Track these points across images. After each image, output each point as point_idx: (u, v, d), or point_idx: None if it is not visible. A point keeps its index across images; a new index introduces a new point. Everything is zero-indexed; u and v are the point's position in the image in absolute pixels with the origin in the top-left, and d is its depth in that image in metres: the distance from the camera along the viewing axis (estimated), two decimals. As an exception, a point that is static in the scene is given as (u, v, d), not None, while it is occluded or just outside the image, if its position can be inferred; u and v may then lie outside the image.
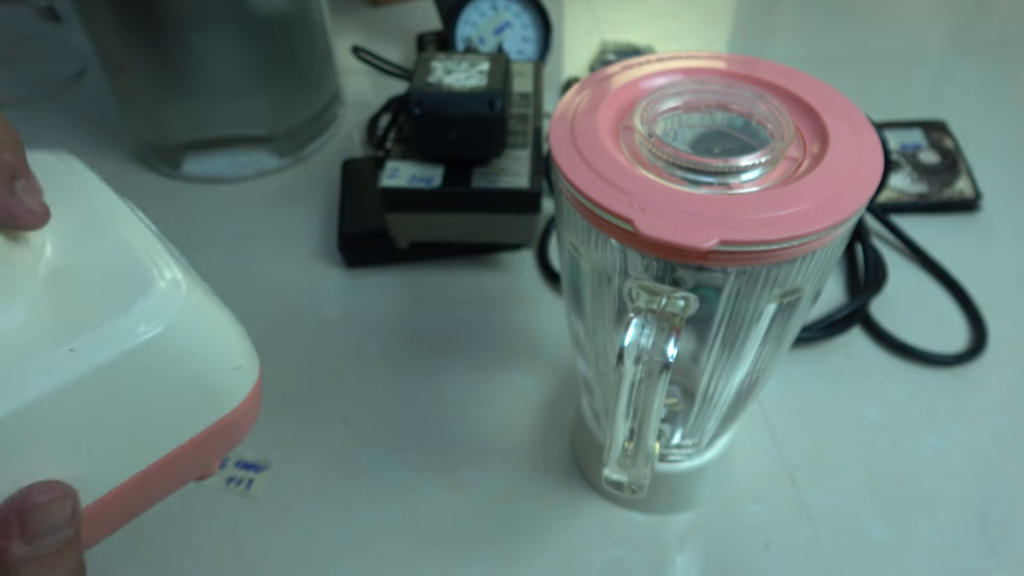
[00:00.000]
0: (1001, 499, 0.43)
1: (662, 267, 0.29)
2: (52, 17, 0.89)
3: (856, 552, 0.41)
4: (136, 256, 0.22)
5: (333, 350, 0.52)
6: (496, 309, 0.54)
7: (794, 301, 0.30)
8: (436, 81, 0.46)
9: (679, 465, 0.40)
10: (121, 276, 0.21)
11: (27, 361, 0.19)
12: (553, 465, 0.45)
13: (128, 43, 0.58)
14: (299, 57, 0.63)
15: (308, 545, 0.42)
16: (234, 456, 0.46)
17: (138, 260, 0.22)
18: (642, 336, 0.28)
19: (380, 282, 0.56)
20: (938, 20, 0.85)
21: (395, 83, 0.74)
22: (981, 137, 0.67)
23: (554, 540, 0.42)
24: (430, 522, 0.42)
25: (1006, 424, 0.46)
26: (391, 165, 0.49)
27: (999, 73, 0.76)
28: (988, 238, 0.58)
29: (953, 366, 0.49)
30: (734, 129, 0.32)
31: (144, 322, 0.21)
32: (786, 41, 0.83)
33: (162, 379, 0.22)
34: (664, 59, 0.34)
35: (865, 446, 0.45)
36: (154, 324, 0.21)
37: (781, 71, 0.33)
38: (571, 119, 0.31)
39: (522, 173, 0.49)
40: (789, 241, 0.26)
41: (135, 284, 0.21)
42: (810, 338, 0.50)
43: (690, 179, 0.28)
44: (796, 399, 0.48)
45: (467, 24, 0.72)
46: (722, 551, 0.41)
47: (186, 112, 0.52)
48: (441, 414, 0.48)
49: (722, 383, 0.34)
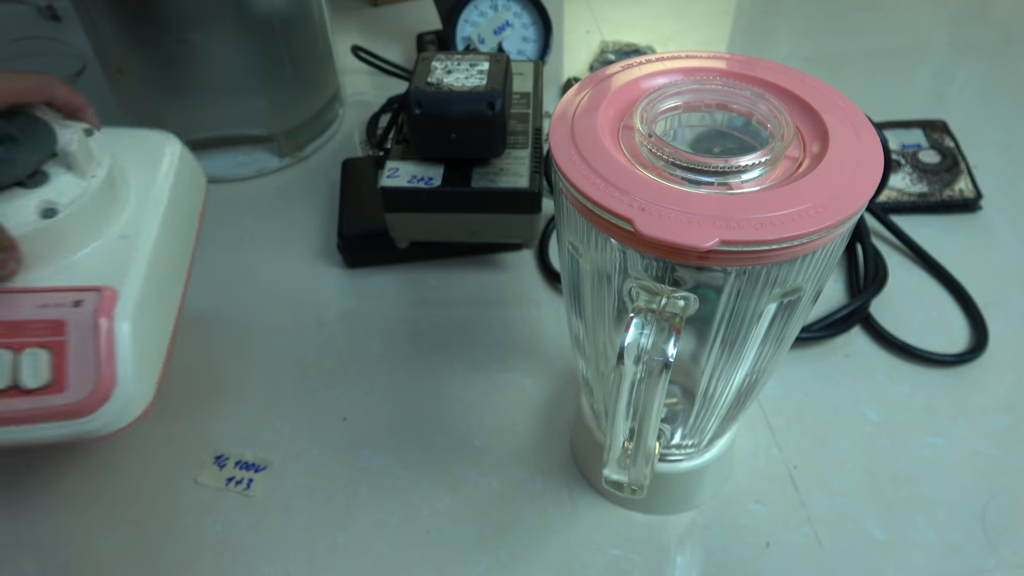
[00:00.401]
0: (1002, 499, 0.43)
1: (662, 267, 0.29)
2: (51, 16, 0.89)
3: (856, 552, 0.41)
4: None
5: (333, 350, 0.52)
6: (496, 309, 0.54)
7: (794, 301, 0.30)
8: (436, 81, 0.46)
9: (679, 465, 0.40)
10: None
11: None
12: (553, 465, 0.45)
13: (128, 43, 0.58)
14: (299, 57, 0.63)
15: (308, 545, 0.42)
16: (234, 456, 0.46)
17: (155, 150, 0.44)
18: (642, 336, 0.28)
19: (380, 282, 0.56)
20: (939, 19, 0.85)
21: (395, 83, 0.74)
22: (981, 137, 0.67)
23: (554, 540, 0.42)
24: (430, 522, 0.42)
25: (1006, 424, 0.46)
26: (391, 165, 0.49)
27: (999, 73, 0.76)
28: (988, 238, 0.58)
29: (953, 366, 0.49)
30: (734, 129, 0.32)
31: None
32: (786, 41, 0.83)
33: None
34: (664, 59, 0.34)
35: (865, 446, 0.45)
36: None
37: (781, 71, 0.33)
38: (571, 119, 0.31)
39: (522, 173, 0.49)
40: (789, 241, 0.26)
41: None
42: (810, 338, 0.50)
43: (690, 179, 0.28)
44: (796, 399, 0.48)
45: (467, 24, 0.72)
46: (722, 551, 0.41)
47: (186, 112, 0.52)
48: (441, 414, 0.48)
49: (722, 383, 0.34)
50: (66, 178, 0.37)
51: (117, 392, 0.35)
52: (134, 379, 0.35)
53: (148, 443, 0.47)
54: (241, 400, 0.49)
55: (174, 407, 0.48)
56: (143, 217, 0.40)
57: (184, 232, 0.43)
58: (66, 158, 0.37)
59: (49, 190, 0.36)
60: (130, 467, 0.46)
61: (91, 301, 0.35)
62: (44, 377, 0.34)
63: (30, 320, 0.35)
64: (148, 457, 0.46)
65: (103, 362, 0.35)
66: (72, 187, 0.37)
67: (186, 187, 0.44)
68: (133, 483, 0.45)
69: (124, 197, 0.40)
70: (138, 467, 0.46)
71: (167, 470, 0.45)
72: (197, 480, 0.45)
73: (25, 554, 0.42)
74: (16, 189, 0.36)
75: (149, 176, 0.42)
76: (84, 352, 0.35)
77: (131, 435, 0.47)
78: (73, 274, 0.36)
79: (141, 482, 0.45)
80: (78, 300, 0.35)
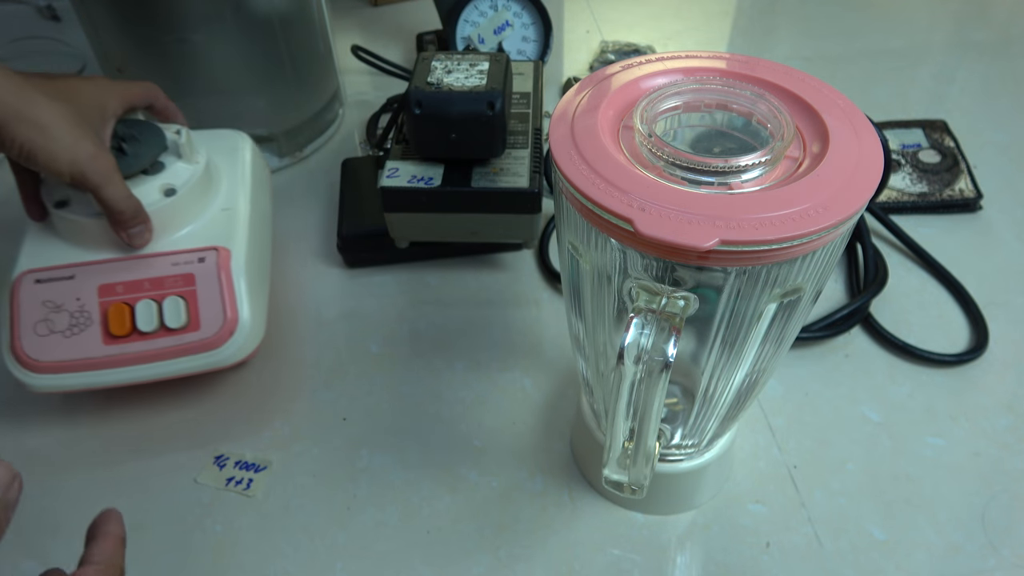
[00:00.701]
0: (1002, 499, 0.43)
1: (662, 267, 0.29)
2: (51, 16, 0.89)
3: (856, 552, 0.41)
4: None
5: (333, 350, 0.52)
6: (496, 309, 0.54)
7: (794, 301, 0.30)
8: (436, 81, 0.46)
9: (679, 465, 0.40)
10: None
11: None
12: (553, 465, 0.45)
13: (127, 42, 0.58)
14: (299, 57, 0.63)
15: (308, 545, 0.42)
16: (234, 456, 0.46)
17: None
18: (642, 336, 0.28)
19: (380, 282, 0.56)
20: (939, 19, 0.85)
21: (395, 83, 0.74)
22: (981, 137, 0.67)
23: (554, 540, 0.42)
24: (430, 522, 0.42)
25: (1006, 424, 0.46)
26: (391, 165, 0.49)
27: (1000, 72, 0.76)
28: (988, 238, 0.58)
29: (953, 366, 0.49)
30: (734, 129, 0.32)
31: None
32: (786, 41, 0.83)
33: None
34: (664, 59, 0.34)
35: (865, 446, 0.45)
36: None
37: (781, 71, 0.33)
38: (571, 119, 0.31)
39: (522, 173, 0.49)
40: (789, 241, 0.26)
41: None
42: (810, 338, 0.50)
43: (690, 179, 0.28)
44: (796, 399, 0.48)
45: (467, 24, 0.72)
46: (722, 551, 0.41)
47: (185, 111, 0.52)
48: (441, 414, 0.48)
49: (722, 383, 0.34)
50: (178, 165, 0.47)
51: (239, 328, 0.45)
52: (250, 317, 0.45)
53: (148, 443, 0.47)
54: (241, 400, 0.49)
55: (174, 407, 0.48)
56: (236, 194, 0.50)
57: (264, 205, 0.54)
58: (177, 149, 0.48)
59: (167, 175, 0.47)
60: (130, 467, 0.46)
61: (211, 258, 0.46)
62: (183, 319, 0.44)
63: (167, 275, 0.45)
64: (148, 457, 0.46)
65: (227, 304, 0.45)
66: (184, 172, 0.47)
67: (260, 171, 0.54)
68: (133, 483, 0.45)
69: (218, 180, 0.50)
70: (138, 467, 0.46)
71: (167, 470, 0.45)
72: (197, 480, 0.45)
73: (25, 554, 0.42)
74: (142, 176, 0.46)
75: (233, 163, 0.52)
76: (211, 297, 0.45)
77: (131, 435, 0.47)
78: (193, 239, 0.47)
79: (141, 482, 0.45)
80: (202, 257, 0.46)
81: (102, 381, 0.44)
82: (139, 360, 0.44)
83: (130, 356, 0.44)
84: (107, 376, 0.44)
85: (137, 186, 0.45)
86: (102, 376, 0.44)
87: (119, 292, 0.44)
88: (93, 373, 0.44)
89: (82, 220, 0.44)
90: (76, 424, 0.48)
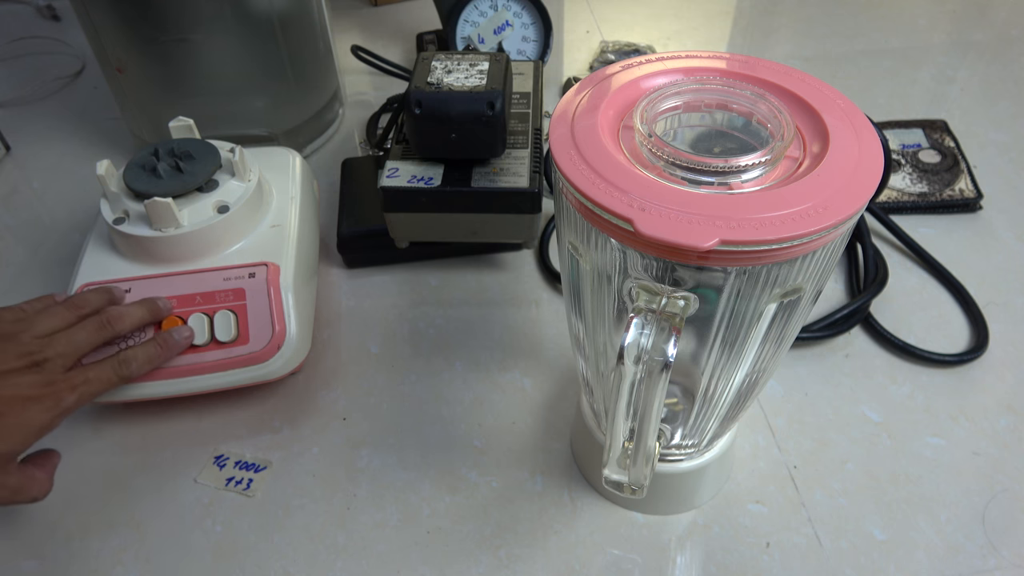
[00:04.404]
0: (1002, 499, 0.43)
1: (662, 267, 0.29)
2: (51, 16, 0.89)
3: (856, 552, 0.41)
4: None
5: (333, 350, 0.52)
6: (496, 309, 0.54)
7: (794, 301, 0.30)
8: (436, 81, 0.46)
9: (679, 465, 0.40)
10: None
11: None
12: (553, 465, 0.45)
13: (127, 43, 0.58)
14: (299, 57, 0.63)
15: (308, 545, 0.42)
16: (234, 456, 0.46)
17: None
18: (642, 336, 0.28)
19: (380, 282, 0.56)
20: (939, 19, 0.85)
21: (395, 83, 0.74)
22: (981, 137, 0.67)
23: (554, 540, 0.42)
24: (430, 522, 0.42)
25: (1006, 424, 0.46)
26: (391, 165, 0.49)
27: (1000, 73, 0.76)
28: (988, 238, 0.58)
29: (953, 366, 0.49)
30: (734, 129, 0.32)
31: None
32: (786, 41, 0.83)
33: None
34: (664, 59, 0.34)
35: (865, 446, 0.45)
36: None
37: (781, 71, 0.33)
38: (571, 119, 0.31)
39: (522, 173, 0.49)
40: (789, 241, 0.26)
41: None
42: (810, 338, 0.50)
43: (690, 179, 0.28)
44: (796, 399, 0.48)
45: (467, 24, 0.72)
46: (722, 551, 0.41)
47: (185, 112, 0.52)
48: (441, 414, 0.48)
49: (722, 383, 0.34)
50: (232, 183, 0.49)
51: (287, 342, 0.46)
52: (297, 332, 0.46)
53: (148, 443, 0.47)
54: (241, 400, 0.49)
55: (174, 407, 0.48)
56: (285, 211, 0.51)
57: (311, 221, 0.55)
58: (230, 167, 0.49)
59: (220, 192, 0.48)
60: (130, 467, 0.46)
61: (261, 274, 0.47)
62: (232, 332, 0.45)
63: (219, 290, 0.46)
64: (148, 457, 0.46)
65: (276, 318, 0.46)
66: (237, 189, 0.49)
67: (308, 187, 0.56)
68: (133, 483, 0.45)
69: (269, 196, 0.52)
70: (138, 467, 0.46)
71: (167, 470, 0.45)
72: (197, 480, 0.45)
73: (25, 554, 0.42)
74: (196, 194, 0.48)
75: (283, 180, 0.54)
76: (260, 312, 0.46)
77: (131, 435, 0.47)
78: (243, 255, 0.48)
79: (141, 482, 0.45)
80: (252, 273, 0.47)
81: (154, 392, 0.45)
82: (190, 372, 0.45)
83: (182, 368, 0.45)
84: (159, 388, 0.45)
85: (192, 203, 0.47)
86: (154, 388, 0.44)
87: (173, 306, 0.46)
88: (146, 385, 0.44)
89: (139, 236, 0.46)
90: (76, 424, 0.48)
